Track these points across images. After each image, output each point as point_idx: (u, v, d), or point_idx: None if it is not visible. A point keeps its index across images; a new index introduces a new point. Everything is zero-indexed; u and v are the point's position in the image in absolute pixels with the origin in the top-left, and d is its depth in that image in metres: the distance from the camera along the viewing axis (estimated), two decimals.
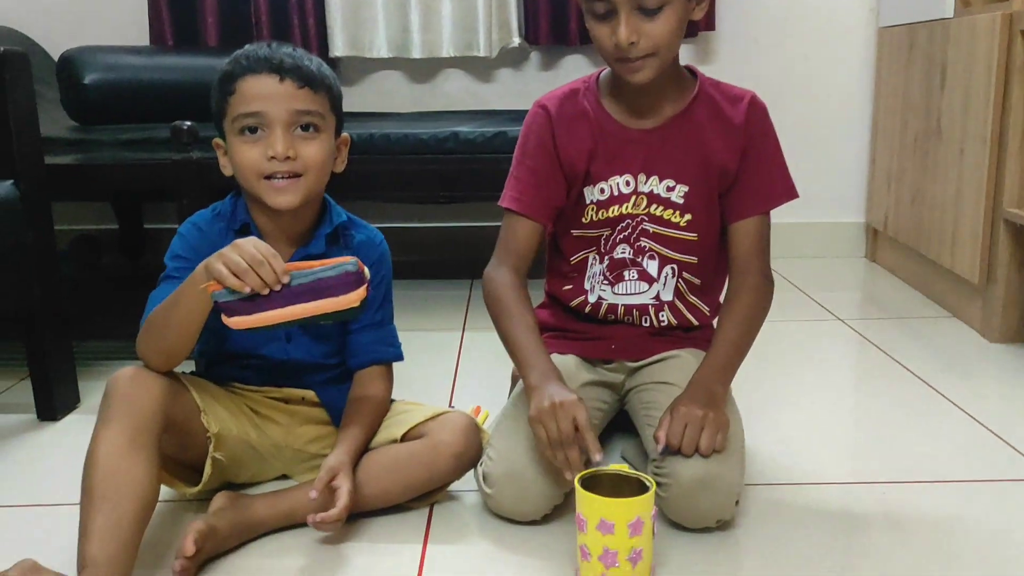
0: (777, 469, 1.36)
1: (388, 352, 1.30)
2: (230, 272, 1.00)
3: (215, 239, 1.20)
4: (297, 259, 1.23)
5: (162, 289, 1.16)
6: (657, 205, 1.28)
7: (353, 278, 1.02)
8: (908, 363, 1.81)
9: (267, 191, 1.17)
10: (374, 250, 1.30)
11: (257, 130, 1.16)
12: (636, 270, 1.31)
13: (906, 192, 2.38)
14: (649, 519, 1.02)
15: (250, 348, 1.25)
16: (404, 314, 2.23)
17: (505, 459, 1.19)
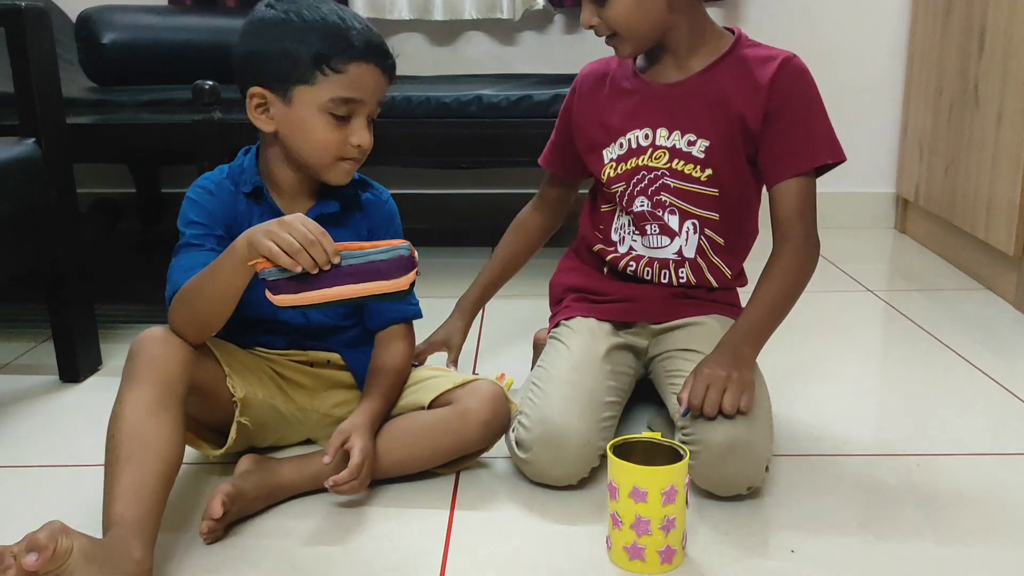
0: (808, 439, 1.34)
1: (407, 311, 1.28)
2: (281, 251, 0.98)
3: (227, 201, 1.18)
4: (313, 215, 1.20)
5: (185, 258, 1.14)
6: (679, 160, 1.26)
7: (406, 262, 1.01)
8: (940, 335, 1.78)
9: (335, 171, 1.17)
10: (382, 208, 1.28)
11: (347, 119, 1.14)
12: (657, 224, 1.30)
13: (940, 162, 2.33)
14: (683, 487, 1.00)
15: (268, 314, 1.23)
16: (425, 281, 2.21)
17: (539, 423, 1.17)
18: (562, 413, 1.17)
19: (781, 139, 1.23)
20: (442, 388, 1.21)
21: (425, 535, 1.09)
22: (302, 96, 1.13)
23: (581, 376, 1.22)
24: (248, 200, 1.20)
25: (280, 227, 1.00)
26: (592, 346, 1.28)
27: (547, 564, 1.03)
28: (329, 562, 1.04)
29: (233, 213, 1.18)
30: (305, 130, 1.14)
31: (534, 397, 1.21)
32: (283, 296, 1.00)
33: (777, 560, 1.04)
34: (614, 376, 1.27)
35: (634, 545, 1.00)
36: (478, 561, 1.04)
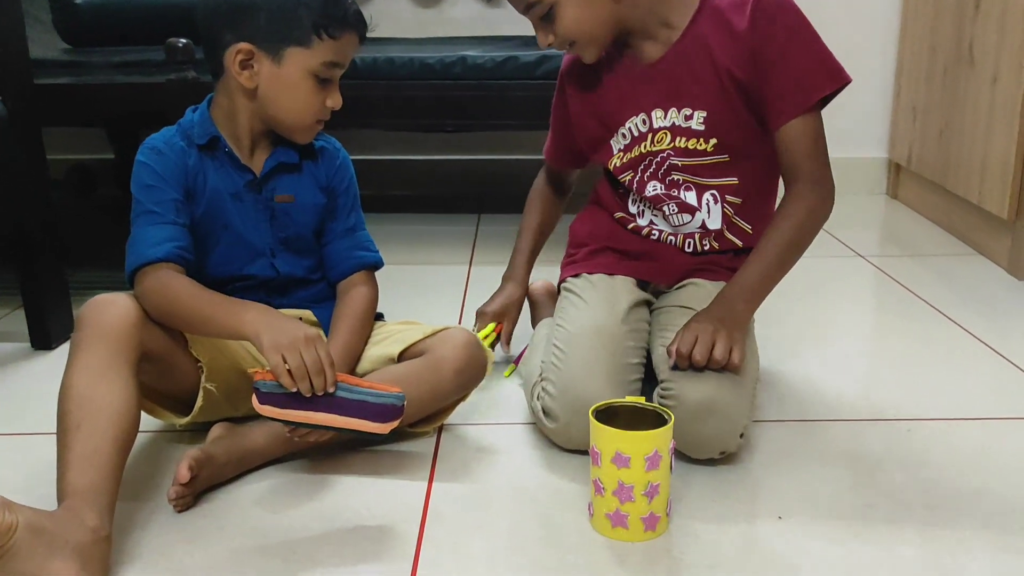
0: (797, 405, 1.31)
1: (367, 257, 1.26)
2: (287, 371, 0.97)
3: (177, 158, 1.15)
4: (271, 166, 1.19)
5: (148, 231, 1.10)
6: (681, 137, 1.22)
7: (393, 412, 1.01)
8: (932, 300, 1.75)
9: (309, 132, 1.19)
10: (336, 156, 1.26)
11: (330, 82, 1.16)
12: (674, 203, 1.26)
13: (933, 125, 2.29)
14: (667, 453, 0.97)
15: (235, 271, 1.20)
16: (410, 248, 2.20)
17: (565, 391, 1.13)
18: (588, 379, 1.13)
19: (774, 79, 1.14)
20: (412, 339, 1.18)
21: (403, 506, 1.06)
22: (295, 58, 1.11)
23: (604, 338, 1.18)
24: (201, 153, 1.16)
25: (297, 347, 0.98)
26: (614, 304, 1.23)
27: (528, 533, 1.00)
28: (303, 531, 1.01)
29: (184, 169, 1.15)
30: (292, 91, 1.13)
31: (557, 362, 1.17)
32: (268, 408, 0.99)
33: (764, 527, 1.01)
34: (635, 335, 1.22)
35: (616, 512, 0.97)
36: (456, 531, 1.01)
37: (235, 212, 1.18)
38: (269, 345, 0.98)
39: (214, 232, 1.17)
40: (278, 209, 1.20)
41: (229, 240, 1.18)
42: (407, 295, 1.38)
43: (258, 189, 1.19)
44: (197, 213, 1.16)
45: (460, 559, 0.96)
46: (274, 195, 1.19)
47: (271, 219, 1.20)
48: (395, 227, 2.30)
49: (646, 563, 0.95)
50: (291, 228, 1.21)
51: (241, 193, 1.18)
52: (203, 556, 0.96)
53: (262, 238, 1.20)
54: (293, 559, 0.96)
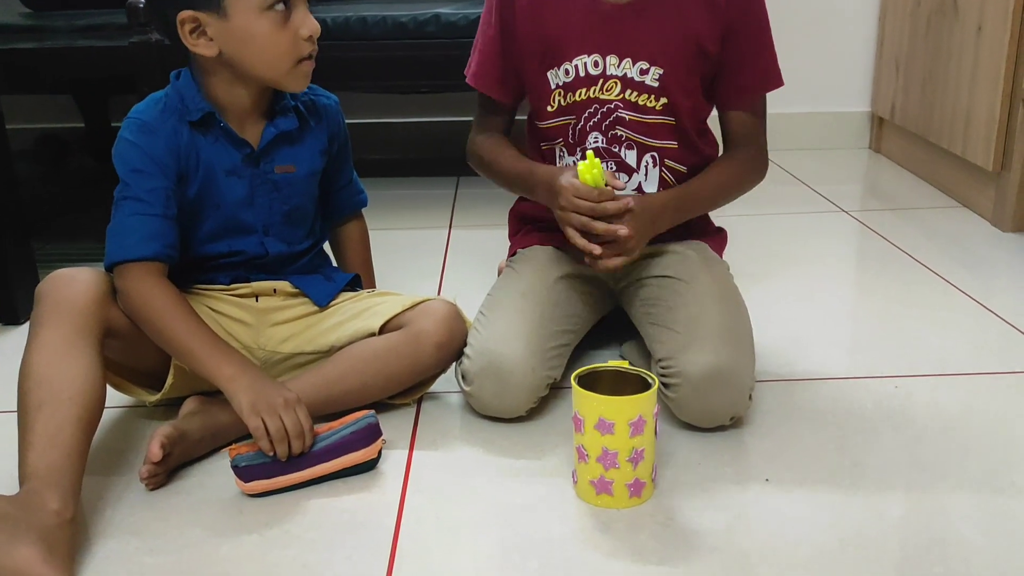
0: (783, 364, 1.29)
1: (361, 199, 1.34)
2: (265, 435, 0.98)
3: (170, 137, 1.08)
4: (269, 137, 1.13)
5: (137, 222, 1.05)
6: (631, 90, 1.18)
7: (372, 431, 1.03)
8: (917, 254, 1.73)
9: (296, 75, 1.09)
10: (337, 113, 1.23)
11: (287, 3, 1.05)
12: (613, 161, 1.22)
13: (916, 76, 2.26)
14: (651, 417, 0.95)
15: (222, 248, 1.16)
16: (389, 213, 2.15)
17: (481, 354, 1.11)
18: (505, 342, 1.11)
19: (740, 65, 1.19)
20: (392, 312, 1.15)
21: (382, 475, 1.04)
22: (236, 4, 1.04)
23: (530, 303, 1.16)
24: (193, 130, 1.10)
25: (278, 408, 0.99)
26: (544, 272, 1.21)
27: (510, 502, 0.98)
28: (279, 506, 0.98)
29: (177, 152, 1.09)
30: (253, 40, 1.05)
31: (479, 326, 1.15)
32: (255, 484, 0.99)
33: (751, 490, 0.99)
34: (569, 303, 1.21)
35: (601, 479, 0.95)
36: (437, 501, 0.99)
37: (229, 189, 1.13)
38: (248, 408, 0.99)
39: (204, 211, 1.13)
40: (279, 181, 1.15)
41: (220, 218, 1.14)
42: (386, 261, 1.35)
43: (256, 163, 1.13)
44: (189, 195, 1.11)
45: (442, 529, 0.94)
46: (274, 167, 1.14)
47: (272, 192, 1.15)
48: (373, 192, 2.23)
49: (631, 530, 0.93)
50: (293, 199, 1.17)
51: (238, 168, 1.12)
52: (176, 534, 0.94)
53: (257, 215, 1.15)
54: (269, 534, 0.93)
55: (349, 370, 1.12)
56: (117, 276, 1.05)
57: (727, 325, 1.10)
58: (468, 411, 1.17)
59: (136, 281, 1.04)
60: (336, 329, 1.18)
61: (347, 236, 1.34)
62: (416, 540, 0.92)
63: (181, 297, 1.06)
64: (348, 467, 1.02)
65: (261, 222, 1.16)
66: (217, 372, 1.01)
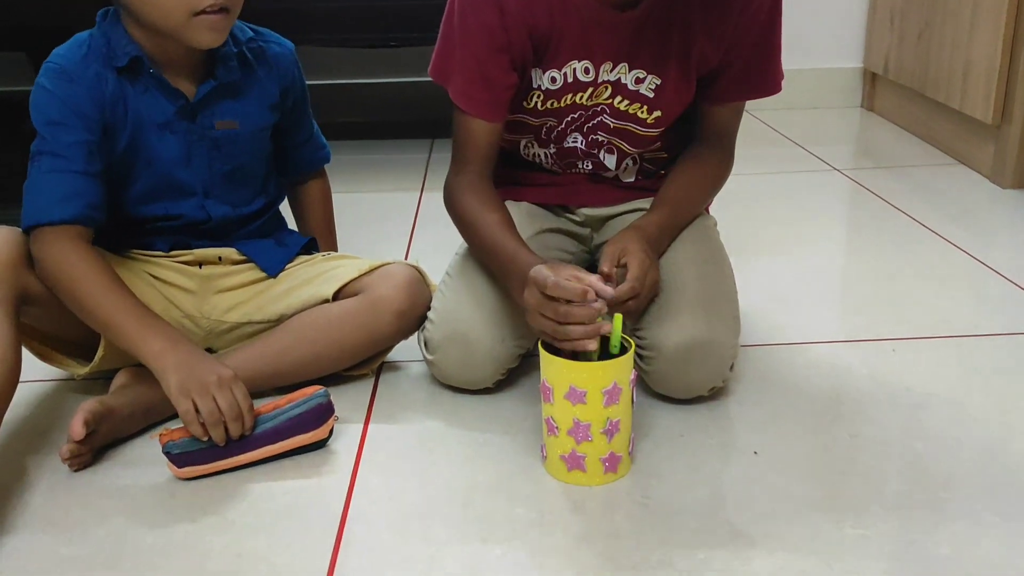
0: (773, 328, 1.20)
1: (322, 155, 1.23)
2: (196, 417, 0.88)
3: (93, 85, 0.97)
4: (207, 89, 1.02)
5: (49, 176, 0.95)
6: (622, 98, 1.05)
7: (324, 409, 0.93)
8: (913, 212, 1.64)
9: (197, 30, 0.94)
10: (291, 62, 1.12)
11: None
12: (591, 161, 1.12)
13: (912, 28, 2.15)
14: (628, 385, 0.85)
15: (159, 211, 1.05)
16: (358, 177, 2.05)
17: (446, 320, 1.01)
18: (472, 307, 1.01)
19: (742, 71, 1.05)
20: (348, 276, 1.05)
21: (333, 454, 0.94)
22: None
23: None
24: (121, 78, 0.99)
25: (211, 388, 0.89)
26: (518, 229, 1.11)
27: (474, 481, 0.89)
28: (216, 489, 0.89)
29: (101, 101, 0.97)
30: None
31: (445, 290, 1.05)
32: (190, 468, 0.89)
33: (739, 465, 0.90)
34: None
35: (572, 453, 0.86)
36: (392, 481, 0.89)
37: (162, 146, 1.02)
38: (177, 388, 0.89)
39: (135, 168, 1.02)
40: (220, 138, 1.04)
41: (152, 177, 1.03)
42: (352, 225, 1.26)
43: (192, 117, 1.02)
44: (117, 150, 1.00)
45: (395, 513, 0.84)
46: (213, 123, 1.04)
47: (212, 151, 1.04)
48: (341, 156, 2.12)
49: (605, 509, 0.84)
50: (236, 158, 1.06)
51: (172, 123, 1.01)
52: (98, 521, 0.84)
53: (195, 175, 1.04)
54: (203, 521, 0.84)
55: (299, 340, 1.02)
56: (32, 241, 0.94)
57: (706, 292, 1.00)
58: (431, 382, 1.07)
59: (51, 246, 0.93)
60: (287, 296, 1.08)
61: (307, 196, 1.24)
62: (366, 525, 0.83)
63: (103, 264, 0.95)
64: (298, 447, 0.92)
65: (200, 183, 1.05)
66: (143, 347, 0.91)
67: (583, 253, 1.19)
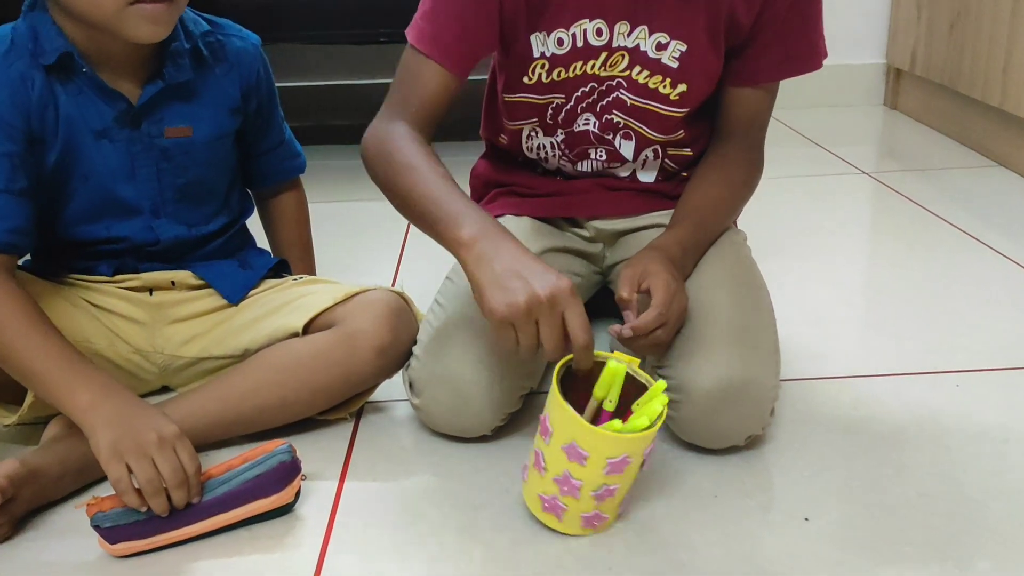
0: (813, 359, 1.04)
1: (296, 165, 1.08)
2: (131, 487, 0.73)
3: (16, 87, 0.82)
4: (153, 91, 0.87)
5: None
6: (641, 68, 0.91)
7: (288, 468, 0.77)
8: (954, 219, 1.48)
9: (132, 22, 0.80)
10: (256, 58, 0.96)
11: None
12: (605, 149, 0.97)
13: (942, 19, 2.00)
14: (640, 456, 0.71)
15: (99, 233, 0.91)
16: (346, 184, 1.89)
17: (433, 357, 0.86)
18: (463, 342, 0.86)
19: (769, 36, 0.91)
20: (320, 306, 0.90)
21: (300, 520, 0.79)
22: None
23: None
24: (50, 78, 0.84)
25: (149, 450, 0.73)
26: None
27: (467, 551, 0.74)
28: (158, 567, 0.74)
29: (26, 106, 0.83)
30: None
31: (434, 320, 0.90)
32: (125, 544, 0.74)
33: (787, 534, 0.75)
34: None
35: (553, 500, 0.73)
36: (370, 553, 0.74)
37: (100, 157, 0.87)
38: (108, 450, 0.74)
39: (70, 183, 0.87)
40: (171, 148, 0.90)
41: (90, 194, 0.88)
42: (336, 238, 1.12)
43: (135, 123, 0.88)
44: (47, 163, 0.85)
45: None
46: (162, 130, 0.89)
47: (161, 162, 0.90)
48: (331, 161, 1.98)
49: None
50: (191, 170, 0.91)
51: (110, 130, 0.87)
52: None
53: (140, 191, 0.90)
54: None
55: (264, 381, 0.87)
56: None
57: (743, 322, 0.85)
58: (419, 426, 0.92)
59: None
60: (251, 327, 0.93)
61: (279, 210, 1.08)
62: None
63: (23, 301, 0.80)
64: (255, 515, 0.77)
65: (148, 200, 0.91)
66: (68, 401, 0.76)
67: (594, 275, 1.04)
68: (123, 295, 0.94)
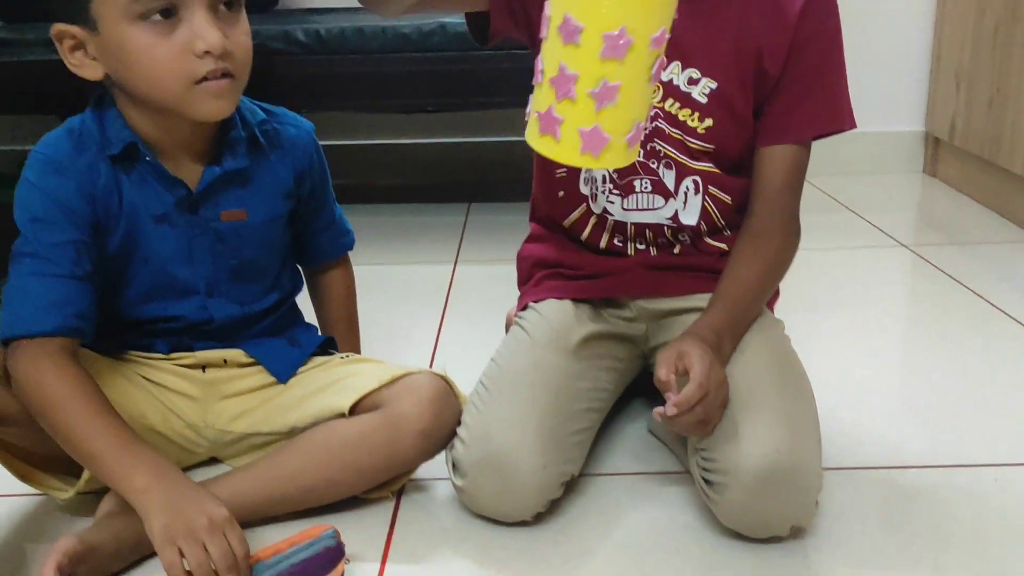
0: (854, 447, 1.04)
1: (345, 243, 1.11)
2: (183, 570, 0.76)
3: (84, 178, 0.87)
4: (211, 178, 0.91)
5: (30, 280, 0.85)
6: (673, 101, 0.96)
7: (333, 553, 0.81)
8: (998, 300, 1.47)
9: (198, 99, 0.84)
10: (309, 144, 1.00)
11: (172, 13, 0.82)
12: (649, 179, 0.99)
13: (981, 92, 2.01)
14: (646, 42, 0.64)
15: (156, 312, 0.95)
16: (386, 246, 1.93)
17: (479, 441, 0.88)
18: (511, 427, 0.88)
19: (800, 95, 0.95)
20: (366, 388, 0.92)
21: None
22: (102, 11, 0.82)
23: (543, 376, 0.93)
24: (115, 167, 0.89)
25: (200, 534, 0.76)
26: (562, 335, 0.98)
27: None
28: None
29: (92, 195, 0.87)
30: (127, 56, 0.83)
31: (479, 403, 0.92)
32: None
33: None
34: (592, 374, 0.98)
35: (549, 112, 0.67)
36: None
37: (159, 241, 0.92)
38: (162, 534, 0.77)
39: (131, 266, 0.92)
40: (225, 231, 0.94)
41: (149, 276, 0.93)
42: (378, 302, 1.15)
43: (194, 209, 0.92)
44: (110, 248, 0.90)
45: None
46: (218, 214, 0.93)
47: (216, 244, 0.94)
48: (372, 219, 2.03)
49: None
50: (244, 252, 0.96)
51: (170, 215, 0.91)
52: None
53: (196, 272, 0.94)
54: None
55: (311, 462, 0.90)
56: (9, 354, 0.84)
57: (788, 408, 0.86)
58: (461, 508, 0.94)
59: (28, 364, 0.83)
60: (299, 406, 0.96)
61: (327, 286, 1.11)
62: None
63: (85, 384, 0.84)
64: None
65: (203, 281, 0.94)
66: (124, 483, 0.80)
67: (636, 358, 1.05)
68: (178, 372, 0.97)
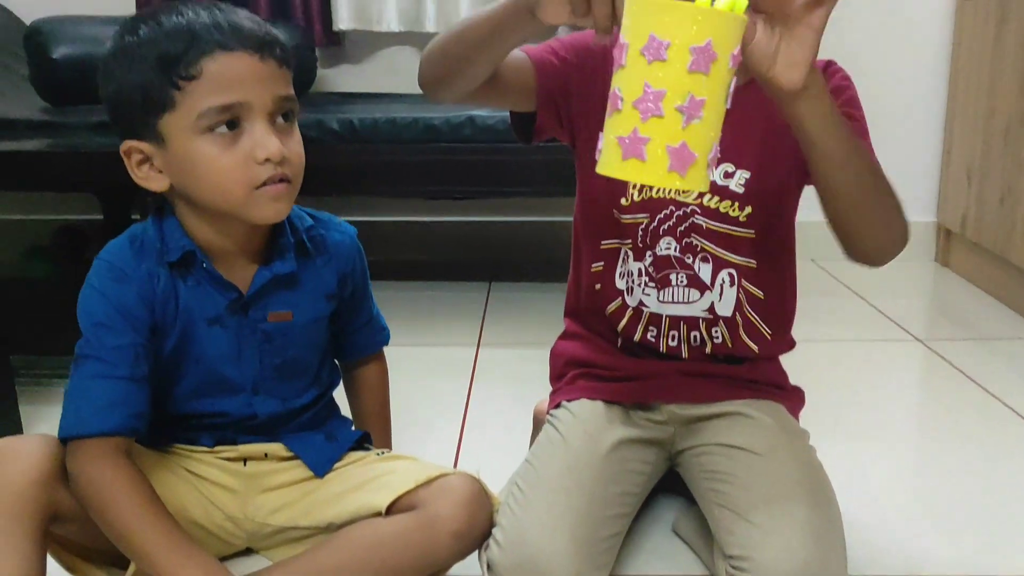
0: (869, 554, 1.07)
1: (381, 339, 1.16)
2: None
3: (144, 285, 0.93)
4: (262, 281, 0.97)
5: (91, 381, 0.90)
6: (712, 195, 1.01)
7: None
8: (1011, 400, 1.51)
9: (258, 204, 0.90)
10: (352, 249, 1.07)
11: (236, 125, 0.89)
12: (685, 273, 1.04)
13: (993, 190, 2.07)
14: (727, 58, 0.67)
15: (204, 408, 1.00)
16: (408, 325, 1.98)
17: (515, 545, 0.91)
18: (546, 533, 0.91)
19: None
20: (403, 487, 0.96)
21: None
22: (170, 127, 0.88)
23: (578, 481, 0.97)
24: (172, 273, 0.95)
25: None
26: (595, 438, 1.02)
27: None
28: None
29: (151, 300, 0.93)
30: (194, 167, 0.89)
31: (514, 505, 0.95)
32: None
33: None
34: (623, 478, 1.01)
35: (634, 134, 0.67)
36: None
37: (211, 342, 0.97)
38: None
39: (183, 366, 0.97)
40: (272, 331, 0.99)
41: (200, 374, 0.98)
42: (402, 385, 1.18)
43: (244, 311, 0.97)
44: (165, 349, 0.95)
45: None
46: (266, 315, 0.99)
47: (263, 344, 0.99)
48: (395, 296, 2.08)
49: None
50: (289, 351, 1.01)
51: (222, 317, 0.96)
52: None
53: (244, 371, 0.99)
54: None
55: (348, 560, 0.93)
56: (68, 453, 0.88)
57: (816, 518, 0.90)
58: None
59: (87, 463, 0.87)
60: (337, 502, 0.99)
61: (363, 380, 1.16)
62: None
63: (139, 484, 0.88)
64: None
65: (250, 379, 0.99)
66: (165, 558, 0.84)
67: (663, 461, 1.09)
68: (220, 465, 1.01)
